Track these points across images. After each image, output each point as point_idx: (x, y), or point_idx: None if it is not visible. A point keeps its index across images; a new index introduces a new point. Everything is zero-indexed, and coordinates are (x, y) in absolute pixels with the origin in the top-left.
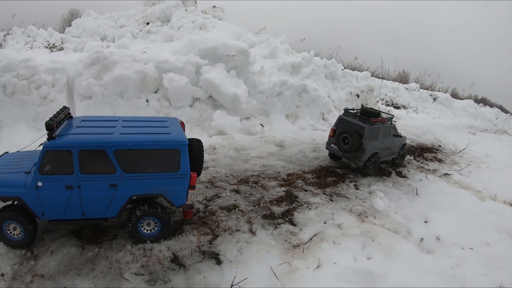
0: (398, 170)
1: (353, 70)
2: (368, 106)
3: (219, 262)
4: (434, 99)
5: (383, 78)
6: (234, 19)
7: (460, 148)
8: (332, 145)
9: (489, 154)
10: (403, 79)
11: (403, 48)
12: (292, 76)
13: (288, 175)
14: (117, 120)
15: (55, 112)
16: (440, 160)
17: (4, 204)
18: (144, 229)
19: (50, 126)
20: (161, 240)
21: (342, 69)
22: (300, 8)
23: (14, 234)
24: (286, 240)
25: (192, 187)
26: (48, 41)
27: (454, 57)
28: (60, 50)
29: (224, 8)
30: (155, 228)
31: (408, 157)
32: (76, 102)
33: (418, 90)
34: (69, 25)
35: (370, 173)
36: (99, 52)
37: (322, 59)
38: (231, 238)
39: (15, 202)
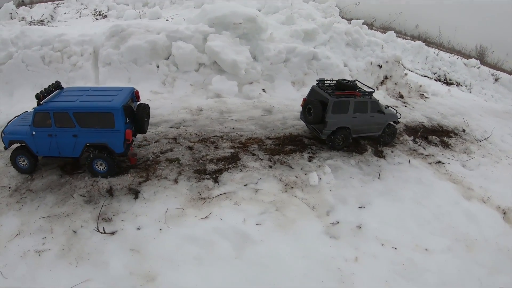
0: (379, 149)
1: (413, 38)
2: (393, 79)
3: (136, 197)
4: (496, 80)
5: (440, 48)
6: None
7: (489, 138)
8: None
9: None
10: (479, 55)
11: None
12: (305, 43)
13: (248, 139)
14: (87, 90)
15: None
16: (447, 146)
17: (17, 146)
18: (98, 167)
19: (38, 97)
20: (108, 177)
21: (367, 39)
22: None
23: (23, 164)
24: (198, 193)
25: (128, 140)
26: (96, 9)
27: None
28: (104, 17)
29: None
30: (104, 168)
31: (406, 137)
32: (100, 68)
33: (479, 67)
34: None
35: (336, 147)
36: (117, 26)
37: (372, 24)
38: (156, 182)
39: (23, 144)
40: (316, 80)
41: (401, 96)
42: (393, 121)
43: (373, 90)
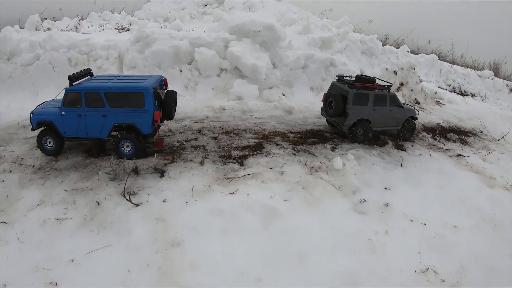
0: (399, 143)
1: (425, 53)
2: (409, 85)
3: (162, 176)
4: (511, 90)
5: (453, 63)
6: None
7: (506, 137)
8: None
9: None
10: (493, 70)
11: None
12: (322, 51)
13: (271, 132)
14: (117, 76)
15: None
16: (465, 143)
17: (43, 128)
18: (124, 149)
19: (70, 78)
20: (134, 159)
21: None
22: None
23: (48, 146)
24: (224, 174)
25: (156, 121)
26: (118, 24)
27: None
28: (127, 31)
29: None
30: (131, 150)
31: (424, 134)
32: (124, 72)
33: (492, 78)
34: (141, 9)
35: (358, 140)
36: (142, 32)
37: (386, 41)
38: (182, 164)
39: (51, 127)
40: (336, 76)
41: (417, 102)
42: (411, 117)
43: (391, 84)
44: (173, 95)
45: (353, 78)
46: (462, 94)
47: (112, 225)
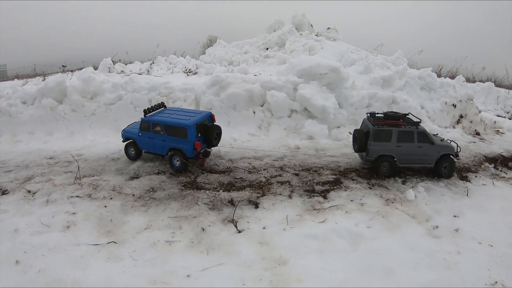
0: (464, 174)
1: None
2: (468, 117)
3: (256, 207)
4: None
5: (511, 89)
6: (353, 37)
7: None
8: None
9: None
10: None
11: None
12: (383, 89)
13: (346, 168)
14: (179, 111)
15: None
16: None
17: (128, 141)
18: (175, 162)
19: (145, 111)
20: (220, 190)
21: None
22: (423, 17)
23: (132, 153)
24: (312, 206)
25: (196, 150)
26: (185, 67)
27: None
28: (195, 74)
29: (340, 28)
30: (179, 163)
31: (487, 164)
32: None
33: None
34: (203, 53)
35: (382, 174)
36: (217, 76)
37: (440, 71)
38: (272, 197)
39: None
40: (366, 113)
41: (478, 133)
42: (450, 154)
43: (419, 120)
44: (214, 128)
45: (380, 114)
46: None
47: (220, 248)
